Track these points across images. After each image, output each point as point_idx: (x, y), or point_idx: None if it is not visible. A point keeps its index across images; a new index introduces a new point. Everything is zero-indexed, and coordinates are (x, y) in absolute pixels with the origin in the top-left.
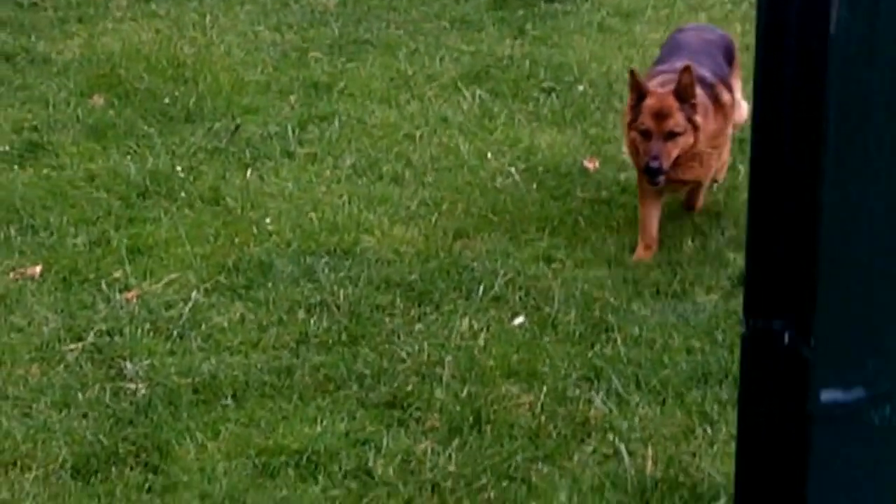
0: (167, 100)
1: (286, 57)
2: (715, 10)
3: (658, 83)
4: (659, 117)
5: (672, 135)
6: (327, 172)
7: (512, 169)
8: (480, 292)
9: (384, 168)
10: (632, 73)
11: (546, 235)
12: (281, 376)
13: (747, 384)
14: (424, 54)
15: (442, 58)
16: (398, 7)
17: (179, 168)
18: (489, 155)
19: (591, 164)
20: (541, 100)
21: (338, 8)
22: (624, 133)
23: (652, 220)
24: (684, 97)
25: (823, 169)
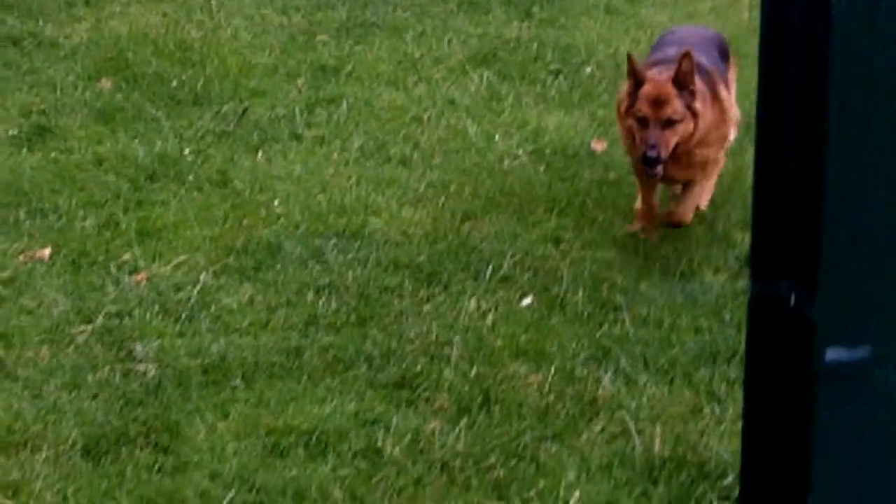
0: (175, 83)
1: (293, 40)
2: None
3: (655, 72)
4: (657, 104)
5: (670, 122)
6: (335, 155)
7: (519, 151)
8: (488, 273)
9: (392, 150)
10: (629, 59)
11: (554, 217)
12: (290, 357)
13: (754, 345)
14: (432, 37)
15: (449, 40)
16: None
17: (187, 151)
18: (497, 137)
19: (599, 146)
20: (548, 82)
21: None
22: (619, 122)
23: (651, 198)
24: (683, 84)
25: (827, 131)
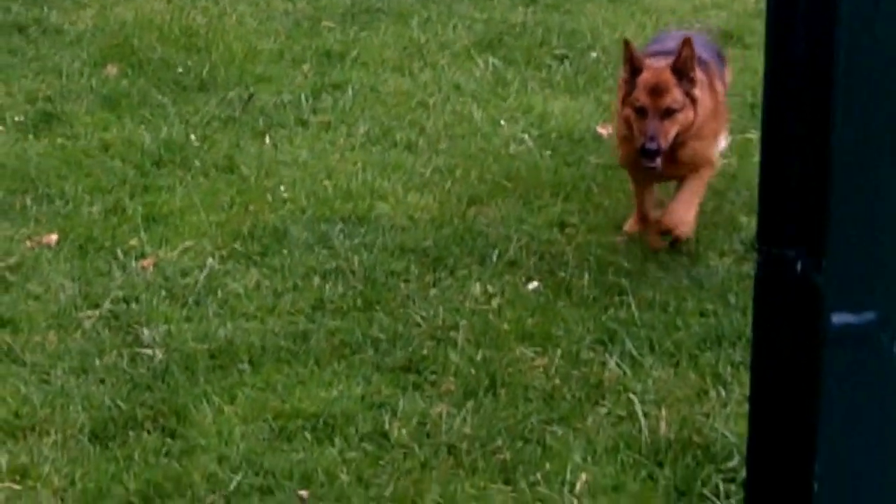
0: (180, 69)
1: (298, 26)
2: None
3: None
4: (655, 93)
5: (670, 112)
6: (341, 140)
7: (525, 136)
8: (494, 257)
9: (398, 136)
10: (626, 45)
11: (559, 201)
12: (297, 341)
13: (761, 312)
14: (437, 22)
15: (454, 26)
16: None
17: (194, 137)
18: (502, 122)
19: (605, 130)
20: (553, 67)
21: None
22: (614, 112)
23: (644, 201)
24: (683, 71)
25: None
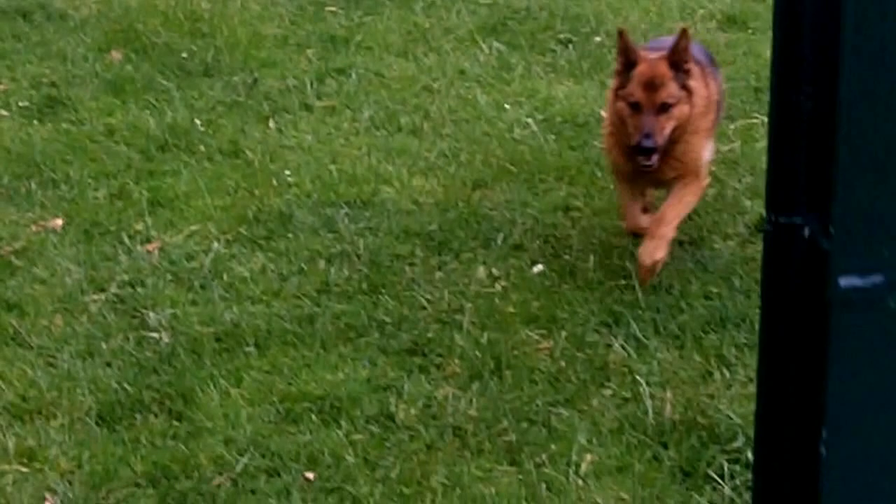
0: (185, 54)
1: (302, 11)
2: None
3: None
4: (651, 87)
5: (665, 107)
6: (346, 125)
7: (529, 120)
8: (499, 241)
9: (402, 120)
10: (621, 36)
11: (564, 185)
12: (303, 324)
13: (769, 278)
14: (441, 7)
15: (459, 10)
16: None
17: (198, 121)
18: (507, 106)
19: None
20: (558, 51)
21: None
22: (608, 106)
23: (632, 205)
24: (679, 63)
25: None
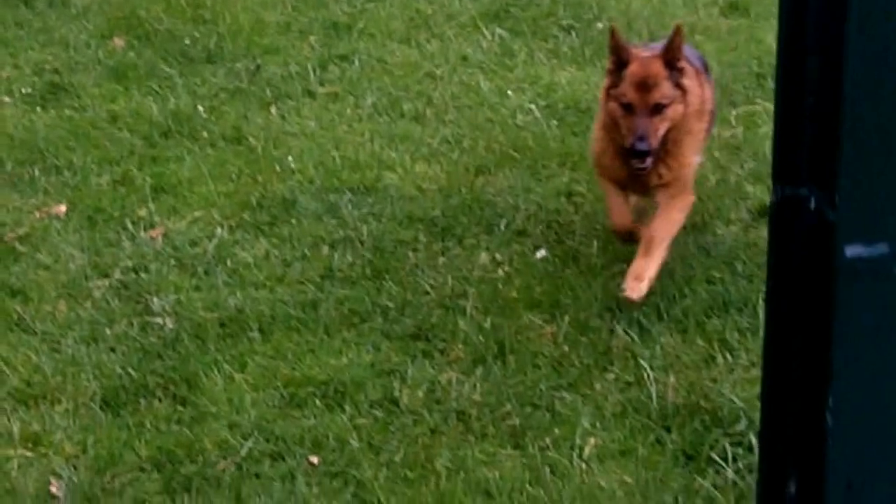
0: (187, 41)
1: None
2: None
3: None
4: (644, 88)
5: (659, 107)
6: (349, 111)
7: (532, 106)
8: (502, 226)
9: (405, 106)
10: (612, 34)
11: (567, 170)
12: (306, 310)
13: (776, 249)
14: None
15: None
16: None
17: (201, 108)
18: (509, 92)
19: None
20: (560, 37)
21: None
22: (601, 105)
23: (620, 210)
24: (672, 61)
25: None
